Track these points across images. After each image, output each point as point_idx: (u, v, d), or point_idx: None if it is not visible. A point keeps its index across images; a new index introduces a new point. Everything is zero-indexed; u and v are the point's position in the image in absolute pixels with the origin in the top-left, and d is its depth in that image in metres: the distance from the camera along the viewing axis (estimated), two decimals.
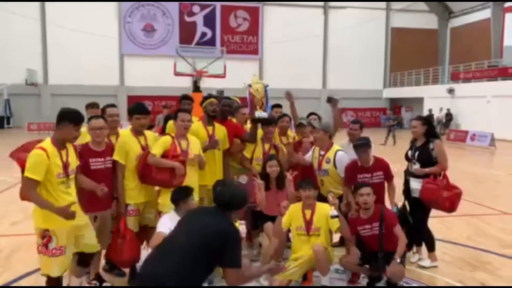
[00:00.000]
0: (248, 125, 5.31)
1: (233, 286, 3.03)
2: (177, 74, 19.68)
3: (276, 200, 4.61)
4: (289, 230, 4.44)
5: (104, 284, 4.25)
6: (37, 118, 26.05)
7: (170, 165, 4.09)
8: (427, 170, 4.74)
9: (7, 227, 6.41)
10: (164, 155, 4.15)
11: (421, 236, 4.98)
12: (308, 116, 5.97)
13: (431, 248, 4.97)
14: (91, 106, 5.39)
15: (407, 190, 4.97)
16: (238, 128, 5.18)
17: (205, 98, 4.92)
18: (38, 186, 3.33)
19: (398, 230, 4.20)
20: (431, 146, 4.83)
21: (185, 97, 5.22)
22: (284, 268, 3.64)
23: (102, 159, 4.08)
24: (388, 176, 4.75)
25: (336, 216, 4.12)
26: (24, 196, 3.49)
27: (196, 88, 18.20)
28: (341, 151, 4.90)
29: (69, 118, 3.43)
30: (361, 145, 4.65)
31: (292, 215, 4.33)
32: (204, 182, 4.53)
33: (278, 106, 6.17)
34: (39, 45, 28.76)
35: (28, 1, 27.73)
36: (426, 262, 4.90)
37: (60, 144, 3.47)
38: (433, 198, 4.66)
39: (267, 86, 4.90)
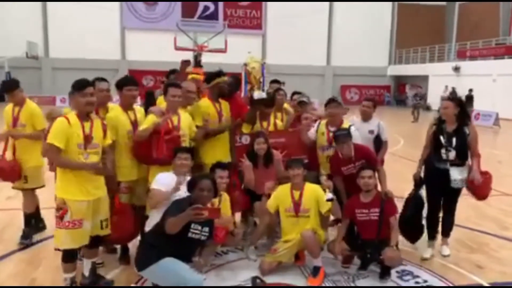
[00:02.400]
0: None
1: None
2: (177, 48, 19.40)
3: (264, 178, 4.53)
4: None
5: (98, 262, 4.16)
6: (37, 91, 25.89)
7: (150, 126, 3.98)
8: (476, 167, 4.43)
9: (1, 201, 6.39)
10: (156, 131, 4.01)
11: (451, 227, 4.72)
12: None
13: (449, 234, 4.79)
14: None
15: (433, 178, 4.59)
16: (243, 106, 5.04)
17: (216, 75, 4.76)
18: (61, 152, 3.41)
19: (394, 220, 4.11)
20: (466, 131, 4.44)
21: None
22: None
23: None
24: (372, 163, 4.40)
25: (332, 199, 4.03)
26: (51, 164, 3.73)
27: (197, 63, 17.97)
28: (353, 127, 4.76)
29: (72, 87, 3.53)
30: (342, 136, 4.39)
31: (279, 196, 4.24)
32: (208, 160, 4.46)
33: (276, 82, 6.02)
34: (40, 17, 28.44)
35: None
36: (446, 251, 4.68)
37: (82, 116, 3.51)
38: (488, 191, 4.56)
39: (263, 63, 4.74)
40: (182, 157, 3.87)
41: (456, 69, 26.06)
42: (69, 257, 3.57)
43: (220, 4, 30.50)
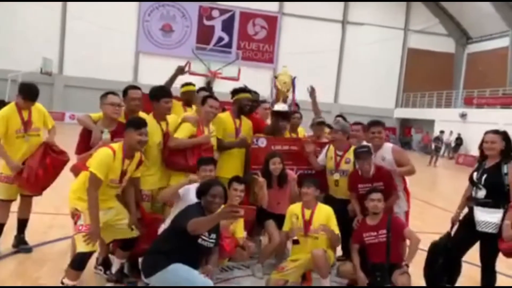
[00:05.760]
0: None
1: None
2: (191, 73, 19.67)
3: (277, 198, 4.55)
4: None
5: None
6: (48, 106, 25.86)
7: (196, 141, 4.14)
8: (508, 222, 3.70)
9: None
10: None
11: (490, 280, 3.99)
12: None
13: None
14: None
15: (463, 220, 4.10)
16: (260, 122, 5.12)
17: (239, 91, 4.84)
18: (100, 185, 3.46)
19: (408, 232, 4.06)
20: (504, 169, 3.84)
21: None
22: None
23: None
24: (390, 187, 4.35)
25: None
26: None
27: (209, 89, 18.16)
28: None
29: (129, 122, 3.61)
30: (362, 153, 4.37)
31: (291, 215, 4.24)
32: (222, 174, 4.48)
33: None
34: (58, 35, 28.99)
35: None
36: None
37: (129, 151, 3.59)
38: None
39: (294, 78, 4.85)
40: (207, 168, 3.97)
41: (463, 115, 26.24)
42: (79, 264, 3.52)
43: (235, 36, 31.16)
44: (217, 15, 30.94)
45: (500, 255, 3.91)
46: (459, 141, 25.14)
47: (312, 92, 5.53)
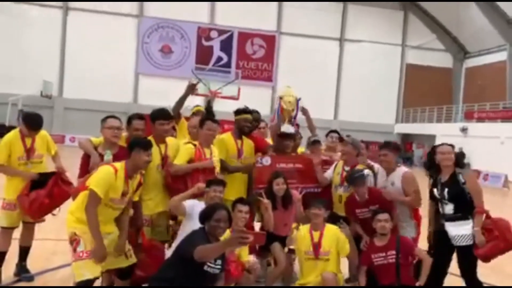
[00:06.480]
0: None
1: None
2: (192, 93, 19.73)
3: (283, 219, 4.44)
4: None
5: None
6: (48, 129, 25.63)
7: (200, 166, 4.11)
8: (476, 228, 3.82)
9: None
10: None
11: None
12: (327, 134, 5.76)
13: None
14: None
15: (438, 236, 4.12)
16: (261, 141, 5.07)
17: (240, 112, 4.81)
18: (99, 202, 3.36)
19: (419, 252, 3.98)
20: (461, 179, 3.92)
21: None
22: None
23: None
24: (386, 207, 4.20)
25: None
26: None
27: (209, 108, 18.19)
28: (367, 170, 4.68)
29: (137, 143, 3.57)
30: (355, 177, 4.29)
31: (299, 238, 4.14)
32: (226, 196, 4.38)
33: None
34: (57, 57, 29.21)
35: (50, 4, 28.41)
36: None
37: (133, 171, 3.53)
38: (494, 253, 3.83)
39: (299, 99, 4.83)
40: (217, 189, 3.92)
41: (464, 130, 26.23)
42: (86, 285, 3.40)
43: (234, 55, 31.37)
44: (215, 36, 31.22)
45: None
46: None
47: (304, 112, 5.46)
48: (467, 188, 3.89)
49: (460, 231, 3.87)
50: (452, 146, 4.10)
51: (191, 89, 4.81)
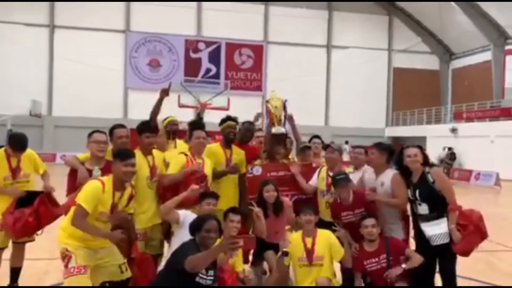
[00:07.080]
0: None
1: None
2: (181, 106, 19.77)
3: (275, 227, 4.42)
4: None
5: None
6: (38, 148, 25.89)
7: (188, 170, 4.13)
8: (453, 226, 3.86)
9: None
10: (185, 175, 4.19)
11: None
12: (310, 140, 5.78)
13: None
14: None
15: (419, 236, 4.13)
16: (253, 150, 5.11)
17: (223, 121, 4.85)
18: (87, 216, 3.35)
19: (409, 252, 3.99)
20: (430, 178, 3.97)
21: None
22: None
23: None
24: (371, 209, 4.20)
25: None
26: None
27: (200, 119, 18.21)
28: (352, 174, 4.70)
29: (116, 155, 3.60)
30: (341, 180, 4.26)
31: (291, 246, 4.12)
32: (218, 206, 4.38)
33: None
34: (46, 76, 29.10)
35: (37, 18, 28.31)
36: None
37: (118, 183, 3.50)
38: (472, 247, 3.90)
39: (285, 101, 4.88)
40: (211, 202, 3.99)
41: (453, 130, 26.43)
42: None
43: (222, 66, 31.46)
44: (203, 48, 31.29)
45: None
46: (452, 155, 25.21)
47: (290, 119, 5.46)
48: (437, 186, 3.93)
49: (436, 230, 3.91)
50: (420, 147, 4.13)
51: (164, 93, 4.87)
